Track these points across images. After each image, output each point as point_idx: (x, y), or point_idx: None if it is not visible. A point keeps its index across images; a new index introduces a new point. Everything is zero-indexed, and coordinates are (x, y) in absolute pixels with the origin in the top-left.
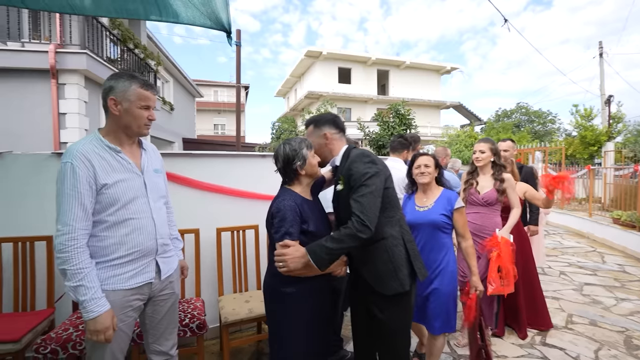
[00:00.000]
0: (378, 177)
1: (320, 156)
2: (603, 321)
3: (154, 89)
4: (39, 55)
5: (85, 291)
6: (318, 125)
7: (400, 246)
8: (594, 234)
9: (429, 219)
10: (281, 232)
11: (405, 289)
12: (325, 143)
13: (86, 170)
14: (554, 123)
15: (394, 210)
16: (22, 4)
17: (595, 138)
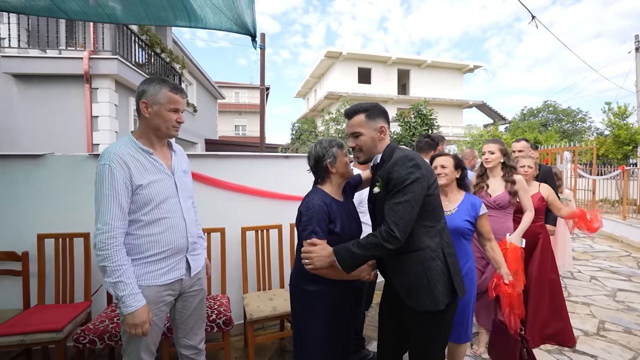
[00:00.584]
0: (419, 184)
1: (365, 151)
2: (639, 329)
3: (183, 92)
4: (74, 61)
5: (124, 287)
6: (373, 116)
7: (439, 260)
8: (628, 238)
9: (453, 225)
10: (308, 230)
11: (439, 308)
12: (378, 137)
13: (122, 171)
14: (584, 122)
15: (435, 219)
16: (66, 16)
17: (630, 137)
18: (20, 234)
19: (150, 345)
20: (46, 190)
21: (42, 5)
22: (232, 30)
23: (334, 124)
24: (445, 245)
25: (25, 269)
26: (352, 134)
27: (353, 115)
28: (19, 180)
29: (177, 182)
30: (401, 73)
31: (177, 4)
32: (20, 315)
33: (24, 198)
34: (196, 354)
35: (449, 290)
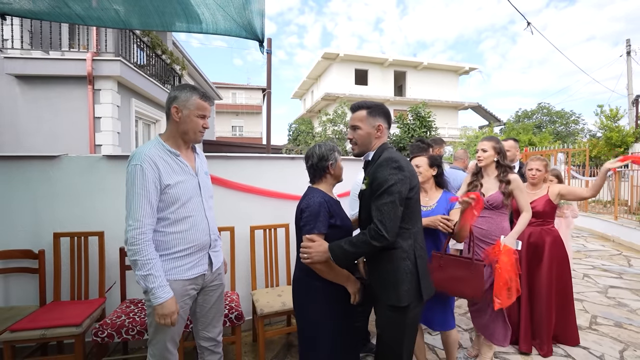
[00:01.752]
0: (402, 185)
1: (360, 145)
2: (629, 323)
3: (211, 100)
4: (76, 63)
5: (154, 279)
6: (374, 114)
7: (409, 260)
8: (619, 237)
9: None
10: (310, 225)
11: (401, 304)
12: (375, 135)
13: (152, 172)
14: (578, 124)
15: (411, 222)
16: (82, 22)
17: (622, 139)
18: (36, 233)
19: (175, 336)
20: (61, 190)
21: (65, 12)
22: (241, 36)
23: (331, 125)
24: (417, 248)
25: (42, 267)
26: (352, 126)
27: (357, 109)
28: (35, 181)
29: (201, 183)
30: (397, 74)
31: (191, 12)
32: (38, 311)
33: (40, 198)
34: (214, 345)
35: (415, 290)
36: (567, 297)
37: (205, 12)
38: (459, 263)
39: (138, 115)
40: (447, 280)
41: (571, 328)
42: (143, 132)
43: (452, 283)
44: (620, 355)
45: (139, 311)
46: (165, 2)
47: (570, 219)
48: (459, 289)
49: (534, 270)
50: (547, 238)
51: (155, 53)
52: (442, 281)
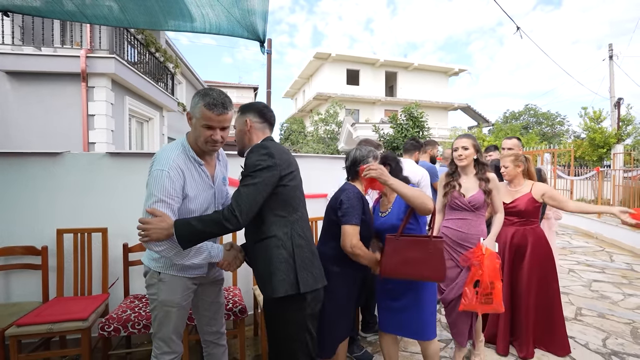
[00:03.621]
0: (269, 172)
1: (238, 143)
2: (611, 314)
3: (220, 109)
4: (69, 59)
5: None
6: (243, 111)
7: (283, 249)
8: (602, 234)
9: (389, 224)
10: (348, 216)
11: (275, 295)
12: (244, 130)
13: (179, 180)
14: (563, 125)
15: (288, 210)
16: (86, 20)
17: (605, 140)
18: (39, 229)
19: (179, 327)
20: (64, 187)
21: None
22: (243, 37)
23: (323, 124)
24: (295, 237)
25: (45, 263)
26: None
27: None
28: (37, 178)
29: (217, 193)
30: (389, 75)
31: (196, 13)
32: (43, 307)
33: (42, 195)
34: (218, 338)
35: (292, 281)
36: (552, 299)
37: (210, 12)
38: (415, 243)
39: (131, 113)
40: (401, 263)
41: (559, 334)
42: (136, 130)
43: (409, 266)
44: (603, 343)
45: (143, 306)
46: (171, 2)
47: (553, 221)
48: (417, 272)
49: (517, 270)
50: (530, 238)
51: (149, 51)
52: (396, 265)
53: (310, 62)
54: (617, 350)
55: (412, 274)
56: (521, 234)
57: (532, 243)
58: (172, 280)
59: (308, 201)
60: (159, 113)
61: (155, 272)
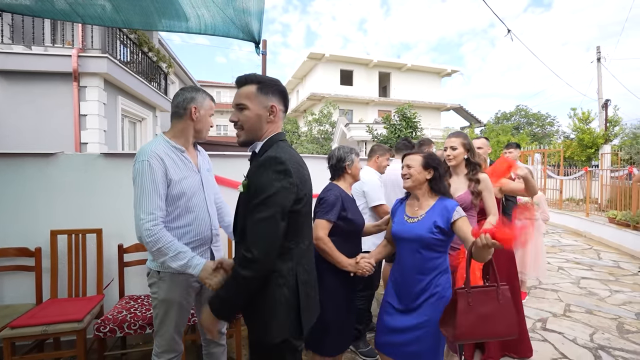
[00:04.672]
0: (286, 196)
1: (248, 131)
2: (598, 310)
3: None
4: (61, 59)
5: (184, 255)
6: (265, 90)
7: (285, 287)
8: (590, 233)
9: (415, 233)
10: (323, 212)
11: (272, 342)
12: (266, 118)
13: (160, 166)
14: (553, 126)
15: (296, 240)
16: (81, 20)
17: (593, 141)
18: (32, 231)
19: (180, 326)
20: (58, 188)
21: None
22: (239, 37)
23: (316, 124)
24: (300, 272)
25: (38, 264)
26: (237, 105)
27: (244, 84)
28: (31, 179)
29: (203, 179)
30: (382, 75)
31: (191, 14)
32: (37, 309)
33: (35, 196)
34: (219, 337)
35: (294, 324)
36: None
37: (205, 13)
38: (486, 295)
39: (124, 113)
40: (477, 323)
41: (523, 336)
42: (129, 130)
43: (484, 324)
44: (591, 338)
45: (139, 306)
46: (166, 2)
47: (540, 222)
48: (492, 330)
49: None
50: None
51: (142, 50)
52: (473, 326)
53: (303, 62)
54: (603, 345)
55: (488, 333)
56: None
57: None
58: (171, 279)
59: None
60: (152, 113)
61: (155, 272)
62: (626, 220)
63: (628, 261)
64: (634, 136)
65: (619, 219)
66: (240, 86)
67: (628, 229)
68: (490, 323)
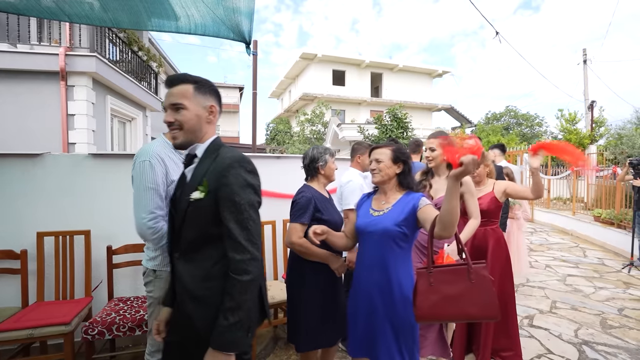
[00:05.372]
0: (258, 194)
1: (187, 130)
2: (583, 306)
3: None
4: (47, 57)
5: None
6: (202, 90)
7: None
8: (577, 231)
9: (381, 226)
10: (296, 216)
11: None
12: (206, 118)
13: (160, 167)
14: (541, 126)
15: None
16: (68, 19)
17: (579, 141)
18: (17, 233)
19: None
20: (44, 189)
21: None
22: (229, 38)
23: (309, 124)
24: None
25: (24, 267)
26: (173, 105)
27: (177, 83)
28: (16, 180)
29: None
30: (374, 76)
31: (180, 13)
32: (22, 312)
33: (21, 197)
34: None
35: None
36: (507, 307)
37: (195, 13)
38: (453, 273)
39: (114, 113)
40: (441, 303)
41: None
42: (118, 130)
43: (450, 305)
44: (575, 333)
45: (128, 308)
46: (155, 1)
47: (522, 221)
48: (461, 311)
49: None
50: (491, 240)
51: (132, 49)
52: (434, 307)
53: (296, 62)
54: (587, 340)
55: (455, 314)
56: (482, 235)
57: (493, 245)
58: (168, 277)
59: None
60: (142, 113)
61: (151, 270)
62: (610, 218)
63: (612, 258)
64: (619, 137)
65: (603, 218)
66: (173, 85)
67: (612, 227)
68: (459, 304)
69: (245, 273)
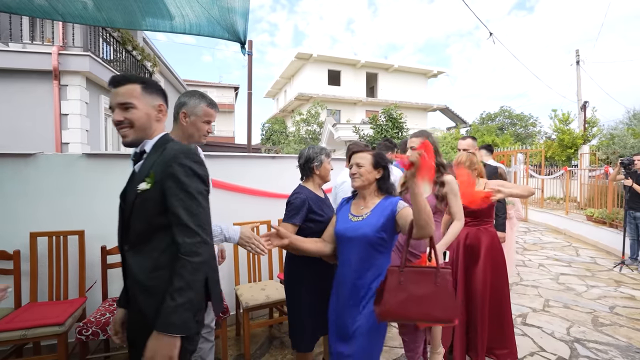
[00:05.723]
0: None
1: (138, 128)
2: (575, 304)
3: (217, 107)
4: (40, 56)
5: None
6: (150, 90)
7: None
8: (570, 230)
9: (360, 232)
10: (288, 216)
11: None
12: (155, 117)
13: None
14: (535, 126)
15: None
16: (61, 18)
17: (572, 141)
18: (10, 233)
19: None
20: (37, 189)
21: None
22: (224, 38)
23: (304, 124)
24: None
25: (17, 268)
26: (121, 104)
27: (124, 83)
28: (8, 180)
29: None
30: (369, 76)
31: (175, 13)
32: (15, 313)
33: (14, 197)
34: (208, 333)
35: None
36: (502, 306)
37: (190, 13)
38: (422, 275)
39: (108, 113)
40: (408, 302)
41: (508, 341)
42: (112, 130)
43: (417, 305)
44: (567, 331)
45: None
46: (150, 1)
47: (515, 220)
48: (426, 312)
49: (470, 274)
50: (484, 239)
51: (126, 49)
52: (401, 305)
53: (291, 62)
54: (579, 338)
55: (420, 315)
56: (474, 235)
57: (486, 244)
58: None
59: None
60: None
61: None
62: (602, 218)
63: (604, 257)
64: (611, 137)
65: (596, 217)
66: (118, 85)
67: (604, 226)
68: (424, 305)
69: (196, 255)
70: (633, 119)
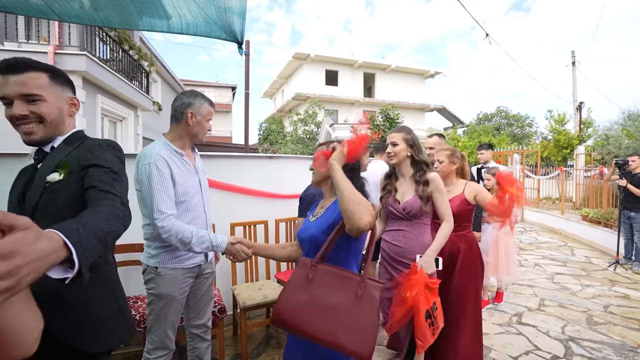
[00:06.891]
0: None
1: (51, 124)
2: (570, 303)
3: (214, 106)
4: (36, 56)
5: (205, 237)
6: (59, 80)
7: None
8: (565, 230)
9: (309, 233)
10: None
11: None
12: (68, 111)
13: (166, 168)
14: (531, 127)
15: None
16: (58, 18)
17: (568, 142)
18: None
19: (175, 322)
20: None
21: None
22: (221, 38)
23: (302, 124)
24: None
25: None
26: (25, 95)
27: (25, 69)
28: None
29: (201, 180)
30: (367, 76)
31: (172, 13)
32: None
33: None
34: (204, 332)
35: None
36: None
37: (187, 13)
38: (342, 279)
39: (104, 112)
40: (307, 309)
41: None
42: (109, 129)
43: (318, 317)
44: (562, 330)
45: None
46: (147, 1)
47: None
48: (328, 330)
49: (446, 283)
50: (462, 245)
51: (122, 48)
52: (300, 312)
53: (289, 62)
54: (574, 336)
55: (319, 331)
56: (452, 241)
57: (464, 251)
58: (169, 274)
59: (284, 201)
60: (133, 112)
61: (152, 267)
62: (597, 218)
63: (599, 257)
64: (606, 137)
65: (591, 217)
66: (17, 72)
67: (599, 226)
68: (329, 319)
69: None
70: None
